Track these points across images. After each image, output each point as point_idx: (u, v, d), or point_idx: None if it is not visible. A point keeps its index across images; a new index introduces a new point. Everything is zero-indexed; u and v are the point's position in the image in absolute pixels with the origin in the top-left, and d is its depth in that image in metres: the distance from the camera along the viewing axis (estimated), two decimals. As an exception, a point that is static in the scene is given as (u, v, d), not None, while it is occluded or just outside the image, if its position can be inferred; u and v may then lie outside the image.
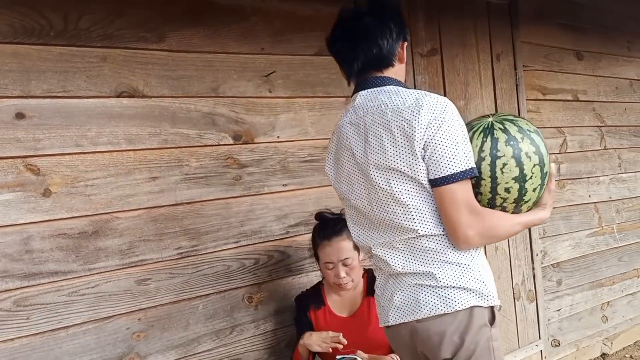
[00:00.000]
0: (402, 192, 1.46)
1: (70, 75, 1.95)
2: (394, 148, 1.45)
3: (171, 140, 2.15)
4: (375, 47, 1.54)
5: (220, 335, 2.23)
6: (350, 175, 1.58)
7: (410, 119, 1.42)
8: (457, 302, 1.44)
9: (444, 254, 1.47)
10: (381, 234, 1.54)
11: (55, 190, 1.91)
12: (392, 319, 1.53)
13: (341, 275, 2.08)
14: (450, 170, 1.40)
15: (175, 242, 2.14)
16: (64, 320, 1.90)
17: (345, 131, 1.59)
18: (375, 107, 1.51)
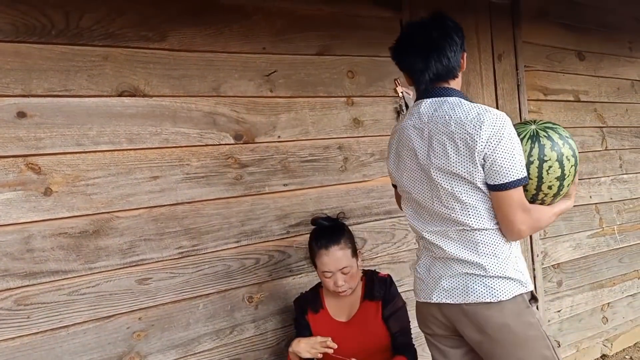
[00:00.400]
0: (462, 192, 1.68)
1: (71, 74, 1.95)
2: (457, 156, 1.66)
3: (172, 140, 2.15)
4: (445, 59, 1.72)
5: (221, 335, 2.23)
6: (413, 173, 1.79)
7: (472, 133, 1.63)
8: (502, 293, 1.67)
9: (492, 246, 1.70)
10: (437, 224, 1.76)
11: (56, 190, 1.91)
12: (436, 298, 1.77)
13: (339, 284, 2.05)
14: (508, 179, 1.63)
15: (175, 242, 2.14)
16: (64, 320, 1.91)
17: (409, 133, 1.79)
18: (439, 116, 1.70)
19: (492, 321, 1.67)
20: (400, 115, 2.78)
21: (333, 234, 2.08)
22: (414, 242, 2.82)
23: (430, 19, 1.78)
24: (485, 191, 1.67)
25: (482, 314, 1.68)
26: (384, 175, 2.73)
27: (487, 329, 1.68)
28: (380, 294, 2.15)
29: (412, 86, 1.84)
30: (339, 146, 2.60)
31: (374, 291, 2.15)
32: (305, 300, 2.21)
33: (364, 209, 2.65)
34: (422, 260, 1.85)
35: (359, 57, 2.69)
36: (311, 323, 2.16)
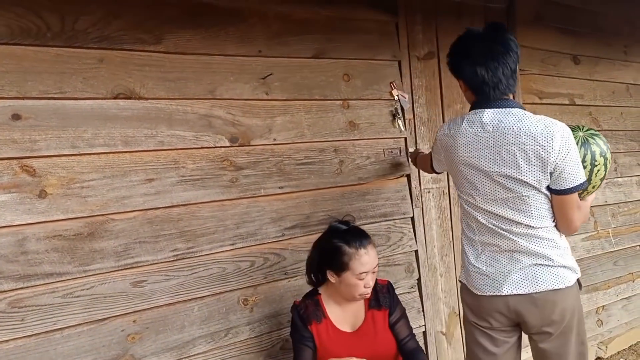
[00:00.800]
0: (528, 197, 1.86)
1: (66, 77, 1.95)
2: (527, 166, 1.83)
3: (167, 142, 2.15)
4: (508, 71, 1.86)
5: (215, 338, 2.23)
6: (473, 177, 1.93)
7: (545, 145, 1.79)
8: (566, 280, 1.90)
9: (553, 240, 1.91)
10: (501, 223, 1.91)
11: (50, 192, 1.91)
12: (506, 290, 1.91)
13: (370, 284, 1.99)
14: (572, 184, 1.83)
15: (170, 244, 2.13)
16: (58, 322, 1.90)
17: (469, 140, 1.91)
18: (507, 127, 1.84)
19: (559, 306, 1.89)
20: (395, 118, 2.79)
21: (362, 233, 2.04)
22: (409, 245, 2.82)
23: (492, 31, 1.89)
24: (547, 194, 1.87)
25: (551, 299, 1.89)
26: (379, 177, 2.73)
27: (554, 314, 1.90)
28: (386, 302, 2.11)
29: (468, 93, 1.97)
30: (335, 149, 2.60)
31: (379, 300, 2.10)
32: (305, 309, 2.09)
33: (359, 212, 2.66)
34: (481, 257, 1.98)
35: (354, 60, 2.69)
36: (315, 333, 2.05)
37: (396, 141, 2.82)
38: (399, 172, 2.81)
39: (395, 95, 2.80)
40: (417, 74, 2.98)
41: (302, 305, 2.11)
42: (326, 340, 2.04)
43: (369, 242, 2.01)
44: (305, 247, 2.48)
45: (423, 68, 3.01)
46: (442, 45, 3.09)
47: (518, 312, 1.92)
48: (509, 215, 1.89)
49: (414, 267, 2.85)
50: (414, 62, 2.96)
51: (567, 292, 1.90)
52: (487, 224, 1.94)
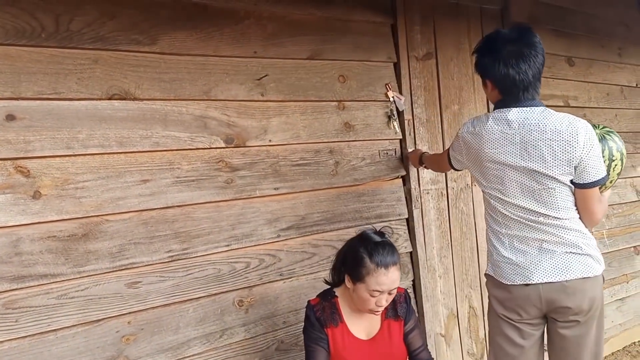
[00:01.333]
0: (554, 189, 1.93)
1: (61, 77, 1.95)
2: (553, 160, 1.90)
3: (162, 143, 2.14)
4: (535, 72, 1.93)
5: (211, 339, 2.23)
6: (501, 172, 1.98)
7: (570, 140, 1.88)
8: (595, 269, 1.96)
9: (580, 231, 1.97)
10: (529, 215, 1.96)
11: (45, 193, 1.90)
12: (537, 279, 1.95)
13: (383, 304, 1.91)
14: (594, 178, 1.92)
15: (165, 245, 2.13)
16: (53, 323, 1.90)
17: (495, 137, 1.97)
18: (532, 124, 1.92)
19: (588, 294, 1.94)
20: (390, 120, 2.79)
21: (394, 252, 1.93)
22: (404, 247, 2.83)
23: (521, 33, 1.96)
24: (571, 187, 1.95)
25: (581, 288, 1.93)
26: (375, 179, 2.73)
27: (584, 302, 1.93)
28: (403, 312, 2.06)
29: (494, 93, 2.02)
30: (330, 150, 2.60)
31: (397, 310, 2.05)
32: (323, 311, 2.01)
33: (354, 213, 2.66)
34: (510, 248, 2.01)
35: (350, 61, 2.70)
36: (330, 337, 1.99)
37: (391, 142, 2.83)
38: (394, 173, 2.81)
39: (390, 97, 2.81)
40: (416, 75, 2.99)
41: (318, 306, 2.03)
42: (340, 346, 1.98)
43: (392, 264, 1.90)
44: (300, 249, 2.48)
45: (422, 69, 3.02)
46: (440, 45, 3.10)
47: (549, 300, 1.95)
48: (537, 208, 1.95)
49: (409, 268, 2.86)
50: (413, 62, 2.97)
51: (595, 281, 1.96)
52: (514, 217, 1.99)
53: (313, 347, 1.98)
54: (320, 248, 2.54)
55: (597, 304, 1.97)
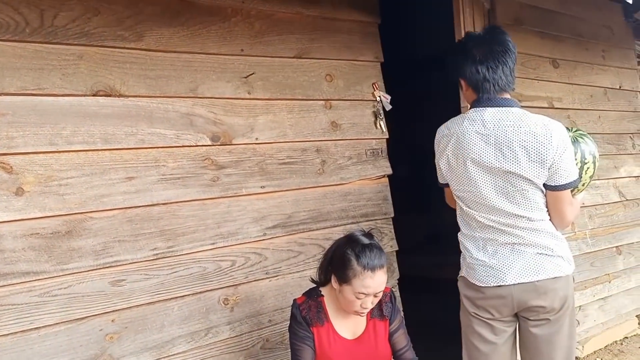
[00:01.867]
0: (527, 191, 1.95)
1: (45, 73, 1.93)
2: (528, 162, 1.91)
3: (148, 140, 2.13)
4: (508, 71, 1.96)
5: (195, 337, 2.22)
6: (475, 174, 1.97)
7: (544, 142, 1.89)
8: (565, 269, 2.01)
9: (551, 232, 2.00)
10: (502, 217, 1.98)
11: (28, 189, 1.88)
12: (510, 280, 1.98)
13: (368, 306, 1.91)
14: (566, 180, 1.94)
15: (150, 243, 2.12)
16: (35, 321, 1.88)
17: (471, 138, 1.97)
18: (508, 125, 1.93)
19: (560, 293, 1.98)
20: (377, 119, 2.80)
21: (381, 255, 1.91)
22: (390, 245, 2.84)
23: (491, 33, 2.01)
24: (543, 190, 1.96)
25: (552, 287, 1.97)
26: (361, 178, 2.74)
27: (555, 301, 1.98)
28: (388, 312, 2.05)
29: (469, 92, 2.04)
30: (317, 149, 2.61)
31: (382, 310, 2.04)
32: (309, 309, 2.00)
33: (340, 212, 2.66)
34: (483, 250, 2.03)
35: (337, 60, 2.70)
36: (315, 335, 1.98)
37: (378, 142, 2.83)
38: (380, 172, 2.82)
39: (377, 96, 2.82)
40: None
41: (304, 304, 2.01)
42: (326, 345, 1.97)
43: (379, 267, 1.88)
44: (286, 247, 2.48)
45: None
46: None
47: (522, 300, 1.99)
48: (510, 210, 1.96)
49: (395, 267, 2.87)
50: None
51: (566, 281, 2.01)
52: (486, 221, 2.00)
53: (299, 345, 1.97)
54: (307, 247, 2.54)
55: (568, 302, 2.02)
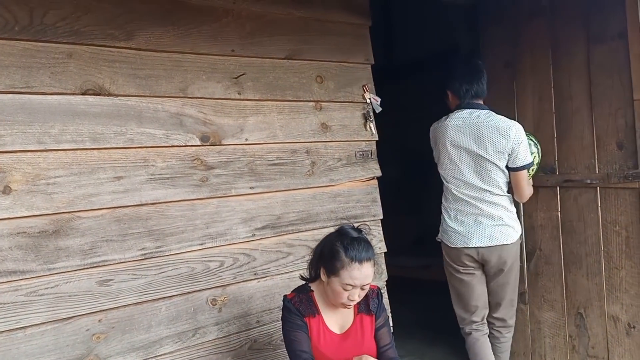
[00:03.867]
0: (493, 172, 2.69)
1: (34, 71, 1.92)
2: (493, 149, 2.66)
3: (137, 140, 2.12)
4: (482, 84, 2.76)
5: (183, 338, 2.21)
6: (458, 157, 2.73)
7: (505, 135, 2.64)
8: (513, 237, 2.75)
9: (506, 206, 2.76)
10: (474, 192, 2.72)
11: (15, 188, 1.87)
12: (474, 243, 2.73)
13: (355, 299, 1.94)
14: (523, 163, 2.69)
15: (138, 243, 2.11)
16: (21, 321, 1.87)
17: (452, 130, 2.73)
18: (479, 122, 2.67)
19: (509, 255, 2.75)
20: (367, 121, 2.81)
21: (369, 248, 1.95)
22: (379, 247, 2.85)
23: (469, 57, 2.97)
24: (505, 171, 2.70)
25: (504, 249, 2.73)
26: (350, 180, 2.75)
27: (507, 261, 2.75)
28: (374, 307, 2.07)
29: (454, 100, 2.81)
30: (307, 150, 2.61)
31: (369, 305, 2.06)
32: (300, 303, 2.02)
33: (330, 213, 2.67)
34: (456, 218, 2.78)
35: (328, 62, 2.71)
36: (309, 325, 2.00)
37: (368, 144, 2.84)
38: (370, 174, 2.83)
39: (367, 98, 2.83)
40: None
41: (296, 298, 2.04)
42: (316, 338, 2.00)
43: (366, 259, 1.92)
44: (275, 248, 2.48)
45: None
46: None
47: (483, 257, 2.75)
48: (478, 184, 2.70)
49: (383, 268, 2.88)
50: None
51: (515, 245, 2.78)
52: (458, 194, 2.75)
53: (295, 334, 1.97)
54: (295, 248, 2.54)
55: (517, 258, 2.83)
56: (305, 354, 1.94)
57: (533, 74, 3.06)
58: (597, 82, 2.79)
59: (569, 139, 2.92)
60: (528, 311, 3.18)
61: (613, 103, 2.73)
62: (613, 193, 2.77)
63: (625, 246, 2.74)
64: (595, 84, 2.80)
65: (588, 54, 2.81)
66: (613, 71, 2.72)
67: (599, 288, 2.85)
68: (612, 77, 2.73)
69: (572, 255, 2.96)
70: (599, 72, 2.78)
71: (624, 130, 2.70)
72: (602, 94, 2.77)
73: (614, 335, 2.82)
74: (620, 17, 2.66)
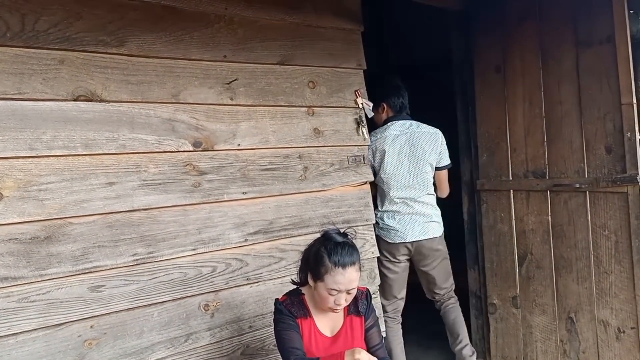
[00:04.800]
0: (427, 172, 3.10)
1: (26, 77, 1.92)
2: (429, 153, 3.07)
3: (129, 146, 2.13)
4: (407, 98, 3.19)
5: (175, 344, 2.21)
6: (401, 163, 3.04)
7: (436, 140, 3.11)
8: (439, 231, 3.14)
9: (433, 204, 3.15)
10: (410, 192, 3.06)
11: (7, 194, 1.87)
12: (411, 238, 3.04)
13: (342, 303, 1.95)
14: (447, 162, 3.18)
15: (130, 249, 2.11)
16: (13, 327, 1.86)
17: (394, 139, 3.05)
18: (414, 130, 3.09)
19: (437, 247, 3.13)
20: (359, 126, 2.83)
21: (353, 252, 1.95)
22: (372, 252, 2.86)
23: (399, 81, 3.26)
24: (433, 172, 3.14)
25: (434, 242, 3.11)
26: (343, 184, 2.76)
27: (436, 251, 3.12)
28: (364, 309, 2.09)
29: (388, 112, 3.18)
30: (299, 155, 2.62)
31: (358, 307, 2.07)
32: (292, 304, 2.04)
33: (322, 218, 2.67)
34: (393, 217, 3.07)
35: (320, 67, 2.72)
36: (301, 327, 2.01)
37: (360, 149, 2.86)
38: (362, 179, 2.84)
39: (359, 104, 2.84)
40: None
41: (287, 301, 2.05)
42: (307, 340, 2.01)
43: (350, 264, 1.92)
44: (267, 253, 2.49)
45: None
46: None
47: (417, 250, 3.09)
48: (415, 186, 3.05)
49: (376, 273, 2.89)
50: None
51: (441, 238, 3.15)
52: (397, 197, 3.06)
53: (287, 333, 1.97)
54: (288, 253, 2.54)
55: (443, 250, 3.17)
56: (297, 350, 1.93)
57: (523, 79, 3.08)
58: (586, 86, 2.81)
59: (559, 143, 2.94)
60: (520, 315, 3.20)
61: (602, 107, 2.76)
62: (602, 197, 2.79)
63: (615, 250, 2.76)
64: (584, 88, 2.82)
65: (577, 58, 2.84)
66: (601, 75, 2.74)
67: (589, 292, 2.87)
68: (600, 81, 2.75)
69: (562, 259, 2.98)
70: (587, 76, 2.80)
71: (612, 134, 2.73)
72: (591, 98, 2.80)
73: (604, 340, 2.84)
74: (607, 21, 2.69)
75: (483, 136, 3.32)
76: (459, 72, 3.52)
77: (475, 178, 3.40)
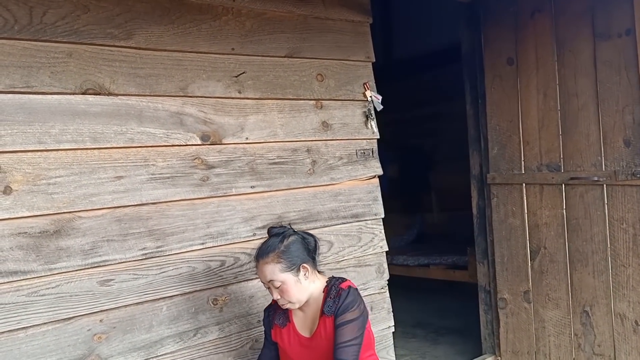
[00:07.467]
0: None
1: (34, 71, 1.92)
2: None
3: (137, 139, 2.12)
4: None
5: (184, 338, 2.21)
6: None
7: None
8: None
9: None
10: None
11: (16, 188, 1.87)
12: None
13: (274, 296, 1.96)
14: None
15: (139, 243, 2.11)
16: (22, 321, 1.86)
17: None
18: None
19: None
20: (368, 119, 2.80)
21: (267, 247, 1.97)
22: (380, 246, 2.84)
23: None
24: None
25: None
26: (351, 178, 2.74)
27: None
28: (332, 309, 1.99)
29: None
30: (307, 149, 2.60)
31: (329, 306, 2.00)
32: (275, 312, 2.08)
33: (331, 212, 2.66)
34: None
35: (328, 60, 2.70)
36: (278, 338, 2.06)
37: (369, 142, 2.83)
38: (371, 173, 2.82)
39: (368, 96, 2.82)
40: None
41: (272, 307, 2.09)
42: (287, 344, 2.04)
43: (261, 258, 1.96)
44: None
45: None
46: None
47: None
48: None
49: (384, 268, 2.87)
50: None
51: None
52: None
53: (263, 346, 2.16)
54: (297, 247, 2.53)
55: None
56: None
57: (537, 71, 3.04)
58: (603, 78, 2.78)
59: (575, 136, 2.91)
60: (532, 309, 3.17)
61: (620, 100, 2.73)
62: (620, 190, 2.76)
63: (633, 243, 2.73)
64: (601, 81, 2.79)
65: (594, 50, 2.81)
66: (620, 68, 2.71)
67: (606, 286, 2.84)
68: (619, 74, 2.72)
69: (577, 253, 2.95)
70: (605, 69, 2.77)
71: (631, 127, 2.69)
72: (609, 91, 2.77)
73: (620, 333, 2.81)
74: (627, 13, 2.65)
75: (494, 129, 3.28)
76: (468, 64, 3.48)
77: (485, 172, 3.36)
